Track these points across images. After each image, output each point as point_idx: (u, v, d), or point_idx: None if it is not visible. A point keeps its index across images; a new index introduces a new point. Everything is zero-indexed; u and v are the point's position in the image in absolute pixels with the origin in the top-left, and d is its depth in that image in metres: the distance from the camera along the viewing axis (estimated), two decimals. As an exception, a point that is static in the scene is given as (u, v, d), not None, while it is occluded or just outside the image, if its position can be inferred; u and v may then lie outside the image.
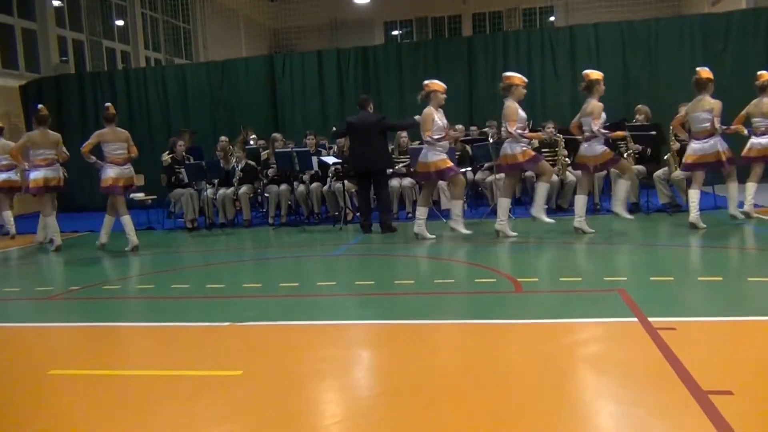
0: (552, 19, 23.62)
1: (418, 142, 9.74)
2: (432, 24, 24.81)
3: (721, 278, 4.92)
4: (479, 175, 9.53)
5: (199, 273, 6.75)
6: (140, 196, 10.95)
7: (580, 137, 7.41)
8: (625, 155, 8.67)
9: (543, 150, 9.16)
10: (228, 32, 22.11)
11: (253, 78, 13.19)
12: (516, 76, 7.26)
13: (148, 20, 19.08)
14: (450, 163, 7.25)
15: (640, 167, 8.50)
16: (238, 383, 3.32)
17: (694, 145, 7.10)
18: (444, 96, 7.37)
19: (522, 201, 10.18)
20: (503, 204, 7.28)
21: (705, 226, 7.03)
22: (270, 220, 9.65)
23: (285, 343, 4.04)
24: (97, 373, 3.64)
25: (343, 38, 22.47)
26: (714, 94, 7.34)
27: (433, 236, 7.39)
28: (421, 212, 7.45)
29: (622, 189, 7.24)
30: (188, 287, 5.87)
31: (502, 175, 8.99)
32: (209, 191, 9.62)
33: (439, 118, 7.23)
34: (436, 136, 7.16)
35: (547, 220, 7.24)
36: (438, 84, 7.37)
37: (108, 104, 8.66)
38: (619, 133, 7.63)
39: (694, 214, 7.03)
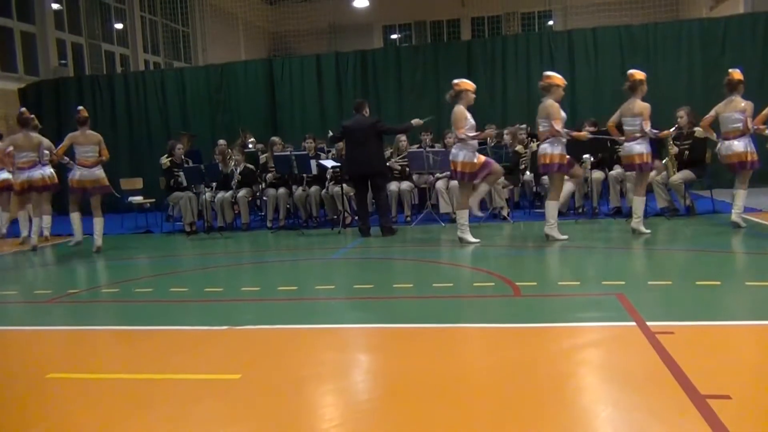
0: (550, 23, 23.68)
1: (417, 145, 9.76)
2: (431, 28, 24.86)
3: (719, 282, 4.92)
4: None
5: (198, 276, 6.74)
6: (139, 199, 10.97)
7: (620, 137, 7.41)
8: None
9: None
10: (227, 36, 22.14)
11: (252, 81, 13.20)
12: (556, 76, 7.22)
13: (147, 23, 19.11)
14: (481, 163, 7.16)
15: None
16: (237, 387, 3.32)
17: (729, 144, 7.21)
18: (474, 96, 7.38)
19: (521, 205, 10.20)
20: (551, 207, 7.19)
21: (746, 225, 7.17)
22: (268, 224, 9.65)
23: (283, 347, 4.03)
24: (94, 377, 3.63)
25: (342, 42, 22.50)
26: (712, 98, 7.33)
27: (477, 240, 7.29)
28: (462, 215, 7.34)
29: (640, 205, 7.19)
30: (187, 291, 5.87)
31: (502, 178, 9.03)
32: (208, 195, 9.62)
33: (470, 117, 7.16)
34: (470, 134, 7.13)
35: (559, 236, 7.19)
36: (468, 83, 7.36)
37: (80, 108, 8.79)
38: (666, 132, 7.63)
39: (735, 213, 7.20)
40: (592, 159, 8.79)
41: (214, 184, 9.74)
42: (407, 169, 9.52)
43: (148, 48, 19.12)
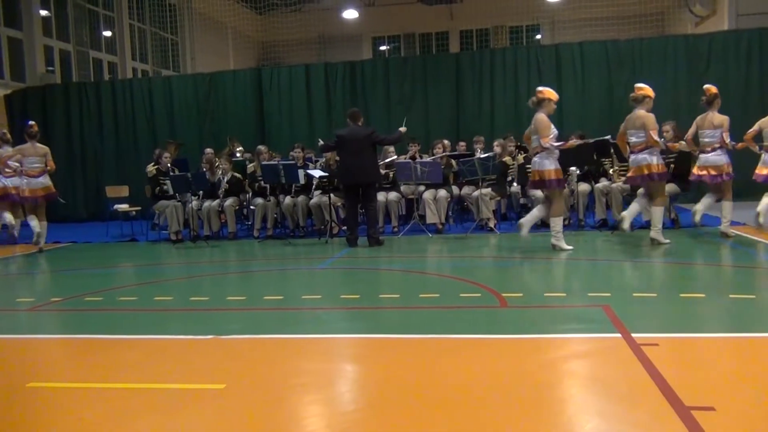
0: (538, 37, 23.89)
1: (404, 156, 9.79)
2: (420, 40, 24.99)
3: (703, 295, 4.96)
4: (465, 190, 9.56)
5: (183, 285, 6.70)
6: (124, 207, 10.89)
7: (692, 149, 7.71)
8: (610, 171, 8.76)
9: (528, 166, 9.20)
10: (216, 44, 22.12)
11: (240, 90, 13.19)
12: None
13: (135, 31, 19.05)
14: (560, 175, 7.23)
15: (624, 184, 8.56)
16: (221, 397, 3.29)
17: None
18: (555, 106, 7.39)
19: (507, 217, 10.24)
20: (633, 208, 7.29)
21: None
22: (255, 233, 9.62)
23: (269, 357, 4.01)
24: (76, 386, 3.59)
25: (331, 53, 22.56)
26: (697, 113, 7.46)
27: (571, 247, 7.24)
28: (556, 223, 7.29)
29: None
30: (171, 299, 5.82)
31: (489, 190, 9.08)
32: (194, 203, 9.57)
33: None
34: (555, 144, 7.18)
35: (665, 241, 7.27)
36: (552, 92, 7.35)
37: (31, 123, 9.34)
38: (750, 133, 7.83)
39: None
40: (578, 171, 8.85)
41: (200, 192, 9.70)
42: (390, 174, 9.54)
43: (137, 56, 19.06)
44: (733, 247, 7.17)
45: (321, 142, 8.77)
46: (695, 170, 7.68)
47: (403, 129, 8.55)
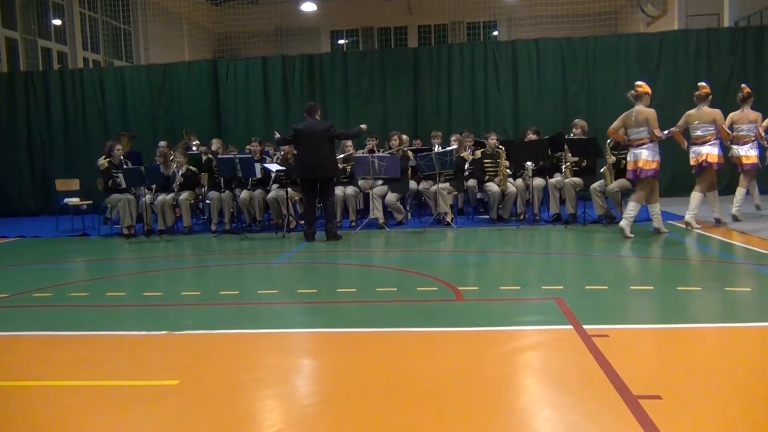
0: (495, 33, 24.13)
1: (361, 150, 9.79)
2: (378, 34, 24.97)
3: (652, 287, 5.10)
4: (422, 185, 9.61)
5: (136, 280, 6.57)
6: (75, 201, 10.61)
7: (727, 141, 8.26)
8: (563, 167, 8.93)
9: (485, 161, 9.32)
10: (170, 35, 21.68)
11: (195, 82, 12.97)
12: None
13: (86, 20, 18.52)
14: (656, 166, 7.46)
15: (577, 179, 8.75)
16: (174, 393, 3.25)
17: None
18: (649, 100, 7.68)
19: (464, 211, 10.34)
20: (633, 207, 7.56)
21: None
22: (213, 227, 9.49)
23: (224, 352, 3.97)
24: (24, 384, 3.49)
25: (288, 45, 22.34)
26: (656, 109, 7.74)
27: (632, 235, 7.45)
28: (633, 207, 7.51)
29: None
30: (124, 295, 5.70)
31: (447, 184, 9.16)
32: (148, 197, 9.39)
33: None
34: (665, 133, 7.63)
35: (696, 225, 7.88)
36: (648, 87, 7.67)
37: None
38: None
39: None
40: (533, 166, 8.99)
41: (154, 186, 9.51)
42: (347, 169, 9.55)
43: (88, 45, 18.54)
44: (680, 241, 7.40)
45: (277, 135, 8.69)
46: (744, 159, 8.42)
47: (364, 126, 8.57)
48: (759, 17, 14.42)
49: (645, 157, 7.38)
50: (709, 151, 7.81)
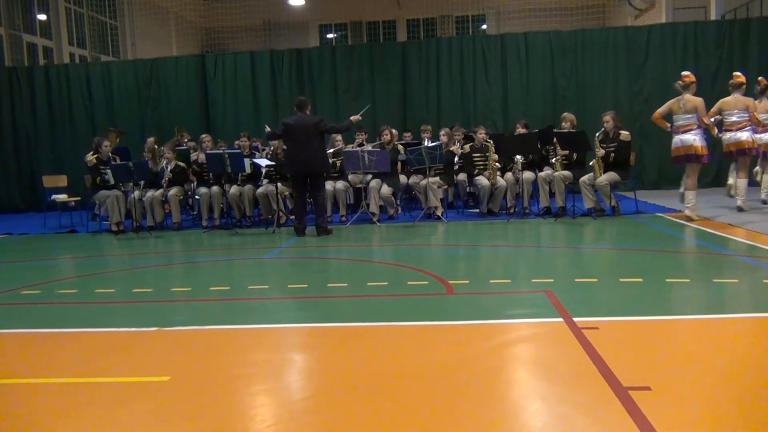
0: (484, 27, 24.14)
1: (351, 145, 9.77)
2: (367, 28, 24.92)
3: (641, 279, 5.14)
4: (413, 179, 9.62)
5: (126, 277, 6.53)
6: (62, 197, 10.54)
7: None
8: (552, 160, 8.96)
9: (474, 155, 9.34)
10: (158, 30, 21.54)
11: (183, 77, 12.89)
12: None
13: (72, 15, 18.35)
14: (707, 152, 7.93)
15: (567, 173, 8.78)
16: (166, 389, 3.24)
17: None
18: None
19: (454, 205, 10.35)
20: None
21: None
22: (204, 223, 9.45)
23: (215, 348, 3.96)
24: (14, 382, 3.47)
25: (277, 40, 22.28)
26: (636, 103, 7.81)
27: (699, 218, 7.94)
28: (692, 195, 7.97)
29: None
30: (114, 292, 5.68)
31: (437, 178, 9.17)
32: (136, 193, 9.33)
33: None
34: (713, 120, 8.05)
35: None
36: (694, 77, 8.05)
37: None
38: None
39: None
40: (523, 160, 9.01)
41: (142, 182, 9.45)
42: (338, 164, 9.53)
43: (74, 41, 18.37)
44: (669, 233, 7.45)
45: (268, 129, 8.64)
46: None
47: (355, 118, 8.53)
48: (745, 10, 14.52)
49: (699, 143, 7.78)
50: (748, 137, 8.28)
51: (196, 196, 9.73)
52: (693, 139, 7.79)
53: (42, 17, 17.38)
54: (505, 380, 3.25)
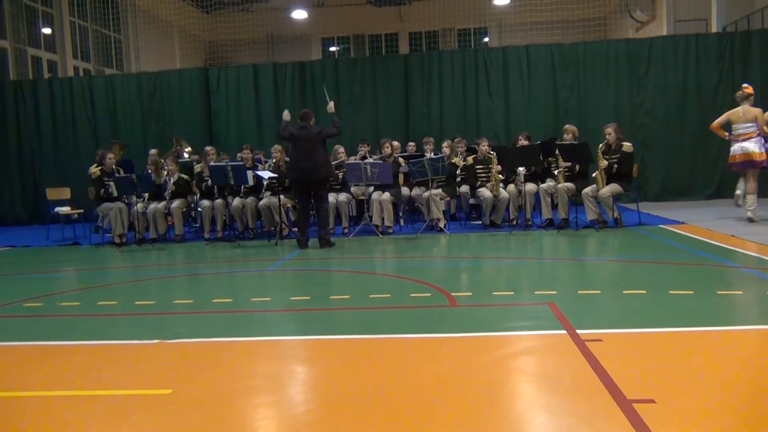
0: (486, 39, 24.24)
1: (353, 157, 9.79)
2: (369, 41, 25.04)
3: (644, 291, 5.12)
4: (415, 191, 9.62)
5: (128, 289, 6.53)
6: (65, 210, 10.56)
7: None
8: (555, 172, 8.96)
9: (477, 167, 9.35)
10: (161, 43, 21.66)
11: (186, 90, 12.95)
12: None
13: (77, 29, 18.47)
14: (765, 157, 8.37)
15: (569, 184, 8.77)
16: (167, 402, 3.23)
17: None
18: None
19: (457, 217, 10.35)
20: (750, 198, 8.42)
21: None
22: (206, 235, 9.45)
23: (217, 360, 3.95)
24: (16, 395, 3.46)
25: (279, 53, 22.38)
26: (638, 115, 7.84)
27: (758, 219, 8.30)
28: (753, 199, 8.38)
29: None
30: (116, 304, 5.67)
31: (439, 190, 9.17)
32: (139, 205, 9.34)
33: None
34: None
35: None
36: (752, 89, 8.62)
37: None
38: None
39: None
40: (525, 171, 9.01)
41: (146, 194, 9.47)
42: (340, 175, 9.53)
43: (78, 54, 18.49)
44: (672, 245, 7.43)
45: (287, 116, 8.43)
46: None
47: (329, 109, 8.60)
48: (746, 22, 14.56)
49: (758, 150, 8.27)
50: (756, 148, 8.43)
51: (199, 209, 9.74)
52: (753, 146, 8.28)
53: (47, 31, 17.50)
54: (508, 393, 3.24)
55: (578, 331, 4.02)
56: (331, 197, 9.26)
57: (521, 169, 8.97)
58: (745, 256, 6.51)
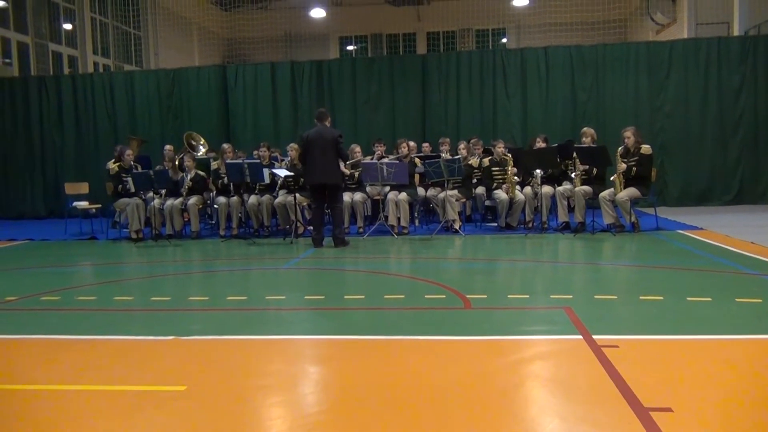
0: (504, 40, 24.15)
1: (369, 157, 9.78)
2: (387, 40, 25.04)
3: (662, 297, 5.06)
4: (431, 192, 9.60)
5: (144, 285, 6.57)
6: (83, 204, 10.65)
7: None
8: (572, 175, 8.89)
9: (493, 169, 9.31)
10: (180, 40, 21.81)
11: (204, 87, 13.01)
12: None
13: (97, 25, 18.65)
14: None
15: (587, 188, 8.70)
16: (182, 399, 3.24)
17: None
18: None
19: (472, 219, 10.31)
20: None
21: None
22: (221, 232, 9.49)
23: (231, 358, 3.96)
24: (32, 388, 3.49)
25: (297, 51, 22.45)
26: (658, 118, 7.68)
27: None
28: None
29: None
30: (132, 299, 5.71)
31: (455, 191, 9.14)
32: (156, 201, 9.40)
33: None
34: None
35: None
36: None
37: None
38: None
39: None
40: (542, 174, 8.96)
41: (163, 190, 9.53)
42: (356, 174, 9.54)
43: (98, 50, 18.66)
44: (690, 251, 7.35)
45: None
46: None
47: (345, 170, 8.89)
48: (770, 26, 14.36)
49: None
50: None
51: (215, 206, 9.79)
52: None
53: (68, 26, 17.67)
54: (523, 398, 3.21)
55: (594, 337, 3.98)
56: (347, 196, 9.26)
57: (538, 171, 8.91)
58: (764, 263, 6.42)
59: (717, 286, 5.68)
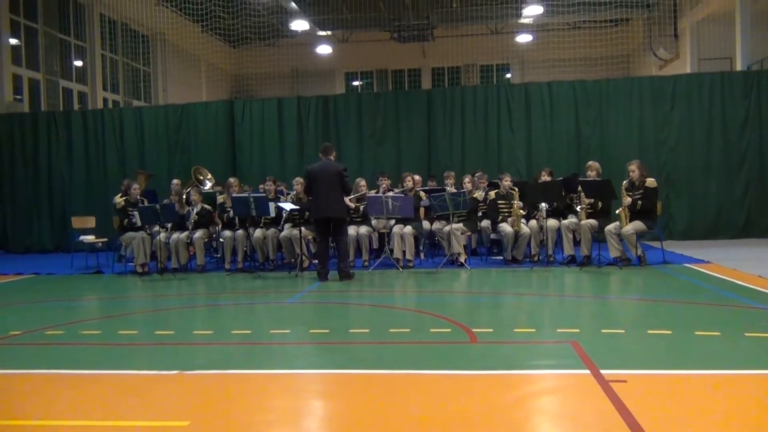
0: (508, 75, 24.42)
1: (375, 191, 9.82)
2: (392, 76, 25.36)
3: (670, 331, 5.01)
4: (436, 225, 9.60)
5: (148, 318, 6.55)
6: (90, 238, 10.69)
7: None
8: (577, 209, 8.90)
9: (499, 202, 9.32)
10: (189, 76, 22.14)
11: (212, 122, 13.14)
12: None
13: (107, 62, 18.96)
14: None
15: (592, 221, 8.70)
16: (185, 434, 3.20)
17: None
18: None
19: (478, 252, 10.29)
20: None
21: None
22: (227, 266, 9.49)
23: (235, 393, 3.92)
24: (35, 424, 3.46)
25: (304, 87, 22.76)
26: (662, 152, 7.67)
27: None
28: None
29: None
30: (136, 333, 5.69)
31: (460, 225, 9.14)
32: (162, 235, 9.43)
33: None
34: None
35: None
36: None
37: None
38: None
39: None
40: (547, 207, 8.96)
41: (169, 224, 9.56)
42: (360, 208, 9.55)
43: (108, 86, 18.94)
44: (697, 284, 7.30)
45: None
46: None
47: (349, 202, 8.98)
48: (772, 61, 14.48)
49: None
50: None
51: (221, 239, 9.81)
52: None
53: (78, 63, 17.97)
54: (530, 433, 3.17)
55: (602, 371, 3.93)
56: (352, 230, 9.27)
57: (543, 204, 8.92)
58: (773, 297, 6.37)
59: (725, 320, 5.63)
